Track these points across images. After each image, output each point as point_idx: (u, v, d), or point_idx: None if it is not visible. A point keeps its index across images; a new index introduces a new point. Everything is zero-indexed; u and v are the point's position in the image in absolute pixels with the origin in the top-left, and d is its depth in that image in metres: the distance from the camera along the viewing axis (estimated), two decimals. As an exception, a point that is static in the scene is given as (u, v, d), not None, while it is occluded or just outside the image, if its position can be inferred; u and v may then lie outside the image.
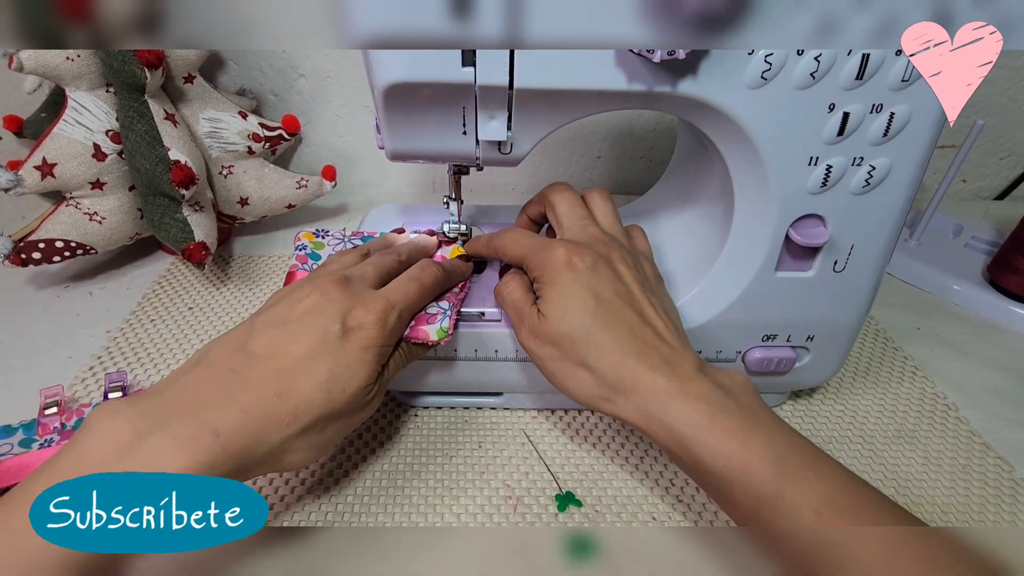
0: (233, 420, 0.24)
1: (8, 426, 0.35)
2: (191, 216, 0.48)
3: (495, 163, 0.32)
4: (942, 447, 0.38)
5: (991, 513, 0.34)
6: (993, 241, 0.57)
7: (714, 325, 0.35)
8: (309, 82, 0.64)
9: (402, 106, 0.29)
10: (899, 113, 0.27)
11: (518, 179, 0.72)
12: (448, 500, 0.34)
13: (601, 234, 0.32)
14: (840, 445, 0.38)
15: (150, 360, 0.44)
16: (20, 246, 0.46)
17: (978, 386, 0.43)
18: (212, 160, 0.53)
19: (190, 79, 0.51)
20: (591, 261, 0.30)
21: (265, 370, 0.26)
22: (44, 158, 0.45)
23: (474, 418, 0.39)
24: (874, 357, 0.46)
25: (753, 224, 0.32)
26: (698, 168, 0.38)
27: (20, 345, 0.45)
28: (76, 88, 0.46)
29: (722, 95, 0.28)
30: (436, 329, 0.32)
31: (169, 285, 0.52)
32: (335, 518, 0.33)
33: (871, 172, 0.29)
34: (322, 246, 0.39)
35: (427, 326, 0.32)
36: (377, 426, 0.39)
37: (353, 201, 0.68)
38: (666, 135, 0.68)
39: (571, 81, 0.28)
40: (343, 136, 0.68)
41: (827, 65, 0.26)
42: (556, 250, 0.30)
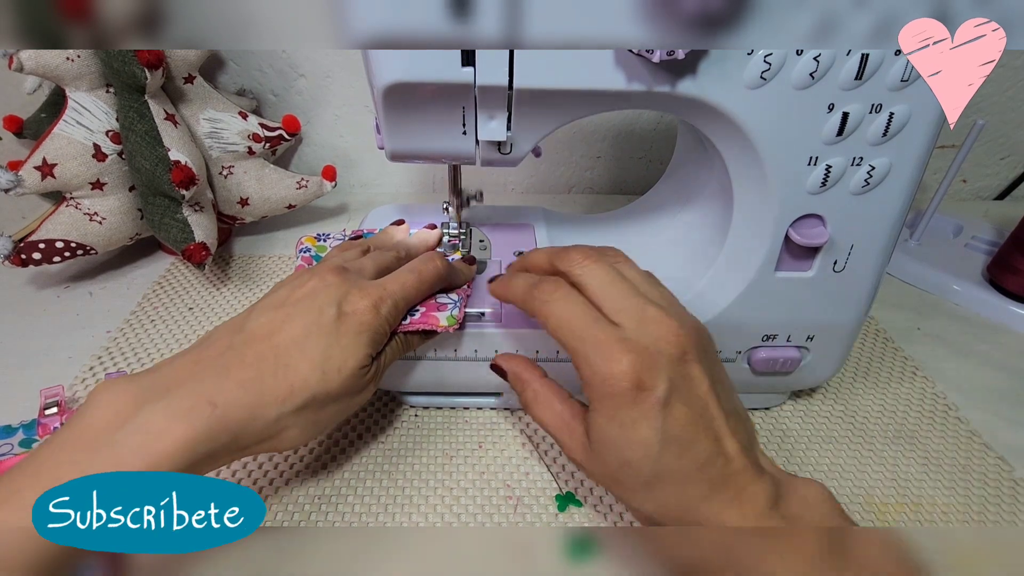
0: (230, 393, 0.25)
1: (8, 426, 0.35)
2: (191, 216, 0.48)
3: (495, 163, 0.32)
4: (942, 447, 0.38)
5: (991, 513, 0.34)
6: (993, 241, 0.57)
7: (714, 325, 0.35)
8: (309, 82, 0.64)
9: (402, 106, 0.29)
10: (898, 113, 0.27)
11: (518, 179, 0.72)
12: (448, 500, 0.34)
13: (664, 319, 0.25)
14: (840, 445, 0.38)
15: (150, 360, 0.44)
16: (20, 246, 0.46)
17: (978, 386, 0.43)
18: (212, 160, 0.53)
19: (190, 79, 0.51)
20: (665, 389, 0.24)
21: (262, 348, 0.26)
22: (44, 158, 0.45)
23: (474, 418, 0.39)
24: (874, 357, 0.46)
25: (753, 224, 0.32)
26: (698, 168, 0.38)
27: (20, 345, 0.45)
28: (76, 88, 0.46)
29: (721, 95, 0.28)
30: (447, 316, 0.32)
31: (169, 285, 0.52)
32: (335, 518, 0.33)
33: (870, 172, 0.29)
34: (324, 249, 0.39)
35: (438, 313, 0.33)
36: (377, 426, 0.39)
37: (353, 201, 0.68)
38: (666, 135, 0.68)
39: (570, 81, 0.28)
40: (343, 136, 0.68)
41: (826, 65, 0.26)
42: (617, 366, 0.24)
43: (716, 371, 0.26)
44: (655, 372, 0.24)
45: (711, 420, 0.25)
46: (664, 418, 0.24)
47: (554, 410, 0.28)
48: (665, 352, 0.25)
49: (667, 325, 0.25)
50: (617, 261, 0.29)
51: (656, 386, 0.24)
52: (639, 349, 0.24)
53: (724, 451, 0.25)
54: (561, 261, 0.29)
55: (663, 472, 0.24)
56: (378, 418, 0.39)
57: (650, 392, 0.24)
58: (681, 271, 0.37)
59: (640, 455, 0.24)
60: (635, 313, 0.26)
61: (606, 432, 0.25)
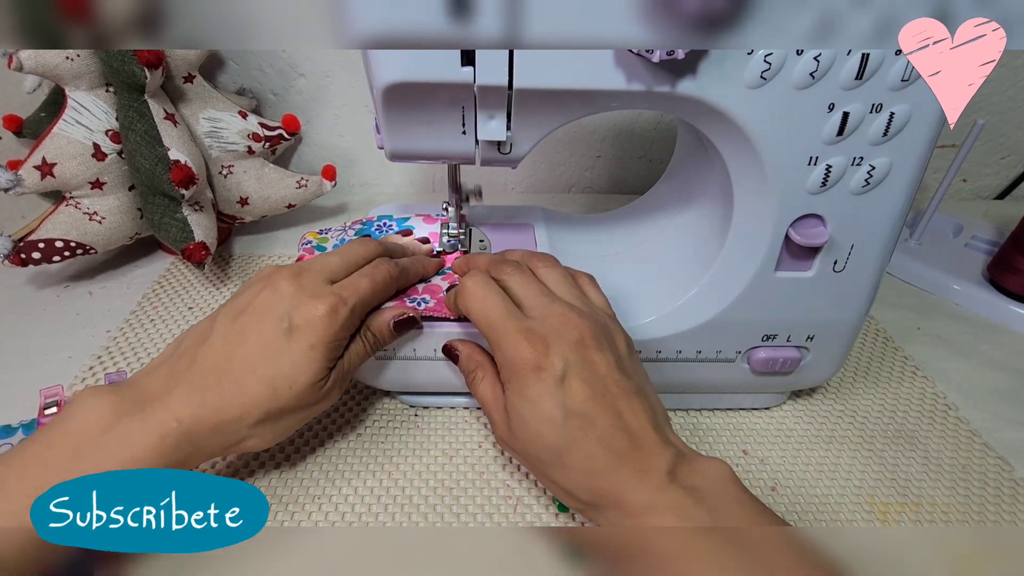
0: (193, 411, 0.27)
1: (8, 426, 0.35)
2: (191, 216, 0.48)
3: (495, 163, 0.32)
4: (942, 447, 0.38)
5: (991, 513, 0.34)
6: (993, 241, 0.57)
7: (714, 325, 0.35)
8: (309, 82, 0.64)
9: (401, 106, 0.29)
10: (899, 113, 0.27)
11: (518, 179, 0.72)
12: (448, 500, 0.34)
13: (567, 312, 0.29)
14: (840, 445, 0.38)
15: (149, 359, 0.44)
16: (20, 246, 0.46)
17: (978, 386, 0.43)
18: (212, 160, 0.53)
19: (190, 79, 0.51)
20: (561, 367, 0.27)
21: (219, 366, 0.28)
22: (44, 158, 0.45)
23: (474, 418, 0.39)
24: (874, 357, 0.46)
25: (753, 224, 0.32)
26: (698, 168, 0.38)
27: (20, 345, 0.45)
28: (76, 88, 0.46)
29: (721, 95, 0.28)
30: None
31: (169, 285, 0.52)
32: (335, 518, 0.33)
33: (871, 172, 0.29)
34: (327, 240, 0.39)
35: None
36: (375, 426, 0.39)
37: (353, 201, 0.68)
38: (666, 135, 0.67)
39: (570, 81, 0.28)
40: (343, 136, 0.68)
41: (826, 65, 0.26)
42: (522, 350, 0.28)
43: (620, 360, 0.29)
44: (551, 353, 0.27)
45: (612, 398, 0.27)
46: (564, 393, 0.27)
47: (495, 392, 0.31)
48: (564, 338, 0.28)
49: (567, 318, 0.29)
50: (545, 266, 0.33)
51: (554, 365, 0.27)
52: (540, 335, 0.28)
53: (626, 425, 0.27)
54: (494, 270, 0.32)
55: (570, 443, 0.27)
56: (378, 418, 0.39)
57: (548, 371, 0.27)
58: (681, 271, 0.37)
59: (547, 428, 0.27)
60: (541, 309, 0.29)
61: (518, 409, 0.28)
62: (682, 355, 0.36)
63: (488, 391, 0.31)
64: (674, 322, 0.35)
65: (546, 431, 0.27)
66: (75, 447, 0.25)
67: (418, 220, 0.41)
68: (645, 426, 0.27)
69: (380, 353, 0.35)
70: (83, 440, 0.26)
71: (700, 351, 0.36)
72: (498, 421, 0.30)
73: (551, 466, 0.28)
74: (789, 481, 0.36)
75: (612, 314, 0.32)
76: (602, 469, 0.26)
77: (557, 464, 0.27)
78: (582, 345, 0.28)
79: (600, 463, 0.26)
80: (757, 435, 0.39)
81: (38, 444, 0.26)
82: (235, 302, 0.31)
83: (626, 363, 0.29)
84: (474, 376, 0.32)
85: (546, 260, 0.33)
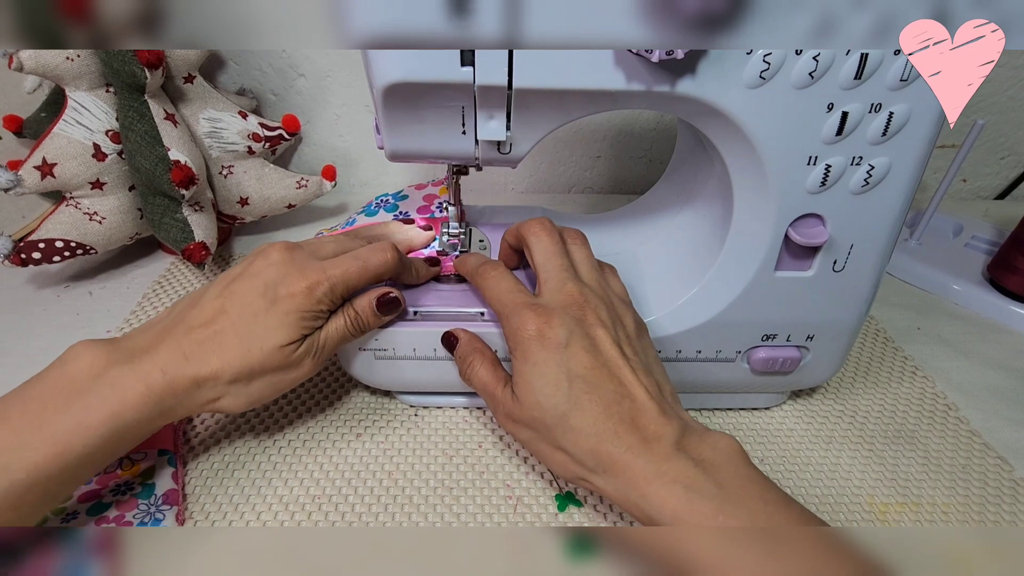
0: (177, 364, 0.29)
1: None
2: (191, 216, 0.48)
3: (494, 163, 0.32)
4: (942, 447, 0.38)
5: (991, 513, 0.34)
6: (993, 241, 0.57)
7: (714, 325, 0.35)
8: (309, 82, 0.64)
9: (401, 106, 0.29)
10: (898, 112, 0.27)
11: (518, 179, 0.72)
12: (448, 500, 0.34)
13: (578, 291, 0.30)
14: (840, 445, 0.38)
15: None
16: (20, 246, 0.46)
17: (978, 386, 0.43)
18: (212, 160, 0.53)
19: (190, 79, 0.51)
20: (565, 335, 0.28)
21: (205, 327, 0.30)
22: (44, 158, 0.45)
23: (474, 418, 0.39)
24: (874, 357, 0.46)
25: (752, 224, 0.32)
26: (698, 168, 0.38)
27: (20, 345, 0.45)
28: (76, 88, 0.46)
29: (720, 95, 0.28)
30: None
31: (169, 285, 0.52)
32: (335, 518, 0.33)
33: (870, 171, 0.29)
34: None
35: None
36: (375, 426, 0.39)
37: (353, 201, 0.68)
38: (666, 135, 0.68)
39: (570, 81, 0.28)
40: (343, 136, 0.68)
41: (826, 65, 0.26)
42: (527, 322, 0.29)
43: (628, 340, 0.30)
44: (554, 323, 0.29)
45: (617, 369, 0.28)
46: (568, 358, 0.28)
47: (496, 373, 0.32)
48: (569, 312, 0.29)
49: (575, 296, 0.30)
50: (574, 243, 0.34)
51: (556, 333, 0.28)
52: (545, 308, 0.29)
53: (631, 394, 0.28)
54: (523, 226, 0.33)
55: (575, 404, 0.28)
56: (377, 418, 0.39)
57: (552, 338, 0.28)
58: (681, 271, 0.37)
59: (552, 389, 0.28)
60: (556, 284, 0.31)
61: (524, 375, 0.29)
62: (682, 355, 0.36)
63: (488, 373, 0.32)
64: (674, 322, 0.35)
65: (551, 392, 0.28)
66: (69, 388, 0.27)
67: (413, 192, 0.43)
68: (650, 398, 0.28)
69: (380, 352, 0.35)
70: (77, 382, 0.27)
71: (700, 351, 0.36)
72: (500, 398, 0.31)
73: (556, 429, 0.28)
74: (789, 481, 0.36)
75: (627, 300, 0.33)
76: (607, 433, 0.27)
77: (563, 426, 0.28)
78: (584, 322, 0.29)
79: (605, 427, 0.27)
80: (757, 435, 0.39)
81: (37, 384, 0.28)
82: (230, 271, 0.32)
83: (634, 343, 0.30)
84: (472, 361, 0.33)
85: (576, 237, 0.34)
